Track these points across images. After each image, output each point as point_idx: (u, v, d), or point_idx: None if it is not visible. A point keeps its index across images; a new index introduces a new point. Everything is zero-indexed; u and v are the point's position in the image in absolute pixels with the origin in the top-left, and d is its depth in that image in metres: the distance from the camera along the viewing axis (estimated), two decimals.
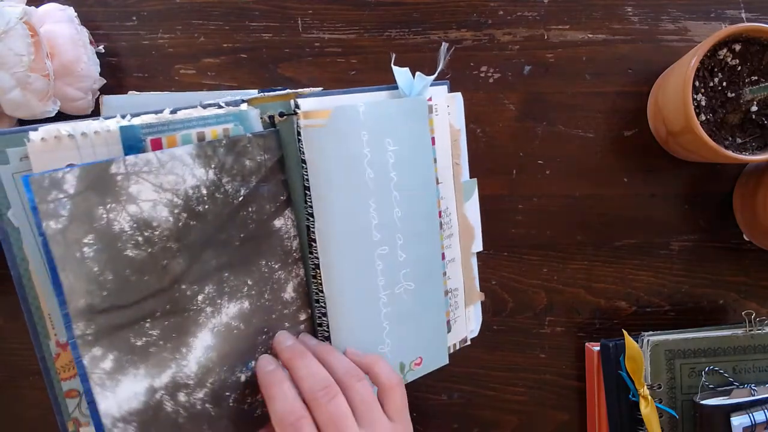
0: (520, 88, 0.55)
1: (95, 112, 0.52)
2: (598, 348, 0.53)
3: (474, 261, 0.50)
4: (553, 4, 0.55)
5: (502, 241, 0.56)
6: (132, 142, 0.35)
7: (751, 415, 0.46)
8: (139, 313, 0.35)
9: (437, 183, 0.46)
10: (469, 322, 0.50)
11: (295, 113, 0.39)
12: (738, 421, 0.46)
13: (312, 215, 0.41)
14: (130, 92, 0.53)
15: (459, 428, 0.57)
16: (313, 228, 0.41)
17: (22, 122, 0.50)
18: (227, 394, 0.40)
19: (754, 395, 0.48)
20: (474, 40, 0.55)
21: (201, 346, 0.38)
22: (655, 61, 0.55)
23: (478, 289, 0.51)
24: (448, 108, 0.47)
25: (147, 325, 0.36)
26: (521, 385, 0.57)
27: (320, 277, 0.42)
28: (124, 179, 0.34)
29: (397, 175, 0.43)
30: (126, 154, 0.34)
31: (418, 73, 0.44)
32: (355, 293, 0.42)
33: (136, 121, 0.35)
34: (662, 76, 0.54)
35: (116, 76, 0.55)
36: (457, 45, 0.55)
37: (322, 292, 0.42)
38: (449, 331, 0.48)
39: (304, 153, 0.39)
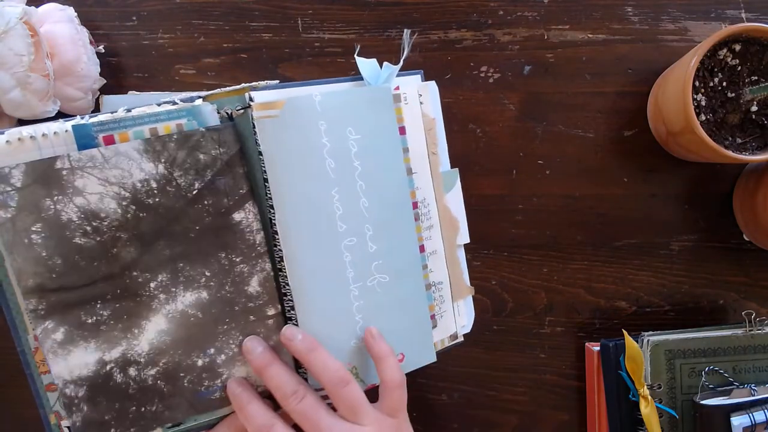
0: (520, 88, 0.55)
1: (95, 112, 0.52)
2: (598, 348, 0.53)
3: (461, 254, 0.49)
4: (553, 4, 0.55)
5: (502, 241, 0.56)
6: (85, 140, 0.37)
7: (751, 415, 0.46)
8: (89, 295, 0.38)
9: (410, 173, 0.45)
10: (459, 318, 0.50)
11: (249, 106, 0.40)
12: (738, 421, 0.46)
13: (272, 207, 0.41)
14: (130, 92, 0.53)
15: (459, 428, 0.57)
16: (275, 220, 0.41)
17: (21, 122, 0.50)
18: (182, 375, 0.41)
19: (754, 395, 0.48)
20: (474, 40, 0.55)
21: (154, 330, 0.40)
22: (655, 61, 0.55)
23: (468, 283, 0.50)
24: (421, 97, 0.46)
25: (98, 305, 0.39)
26: (521, 385, 0.57)
27: (285, 270, 0.42)
28: (69, 173, 0.36)
29: (361, 164, 0.42)
30: (80, 150, 0.37)
31: (385, 63, 0.44)
32: (322, 285, 0.42)
33: (93, 120, 0.37)
34: (662, 76, 0.54)
35: (116, 76, 0.55)
36: (457, 45, 0.55)
37: (288, 285, 0.42)
38: (435, 326, 0.48)
39: (259, 144, 0.40)
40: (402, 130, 0.45)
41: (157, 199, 0.39)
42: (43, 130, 0.36)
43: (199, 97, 0.40)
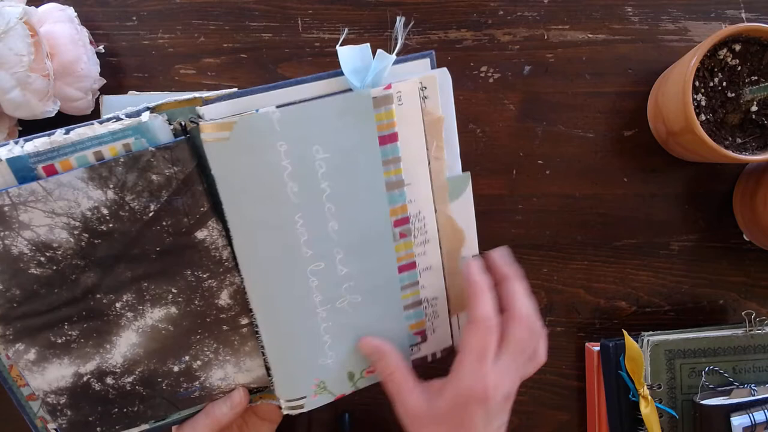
0: (520, 88, 0.55)
1: (95, 112, 0.52)
2: (598, 348, 0.53)
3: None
4: (553, 4, 0.55)
5: (502, 241, 0.56)
6: (23, 173, 0.35)
7: (751, 415, 0.46)
8: (54, 318, 0.37)
9: (401, 186, 0.40)
10: (459, 329, 0.46)
11: (197, 124, 0.35)
12: (738, 421, 0.46)
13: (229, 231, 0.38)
14: (130, 92, 0.53)
15: None
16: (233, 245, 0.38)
17: (22, 122, 0.50)
18: (159, 380, 0.41)
19: (754, 395, 0.48)
20: (474, 40, 0.55)
21: (125, 344, 0.40)
22: (655, 61, 0.55)
23: None
24: (425, 91, 0.39)
25: (65, 327, 0.38)
26: (521, 385, 0.56)
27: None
28: (11, 209, 0.35)
29: (330, 185, 0.38)
30: (20, 183, 0.35)
31: (379, 51, 0.37)
32: (285, 310, 0.40)
33: (28, 147, 0.34)
34: (662, 76, 0.54)
35: (116, 76, 0.54)
36: (457, 45, 0.55)
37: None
38: (424, 340, 0.45)
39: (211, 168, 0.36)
40: (393, 137, 0.39)
41: (111, 225, 0.36)
42: None
43: (147, 108, 0.36)
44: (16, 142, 0.35)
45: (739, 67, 0.48)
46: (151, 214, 0.37)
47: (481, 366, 0.38)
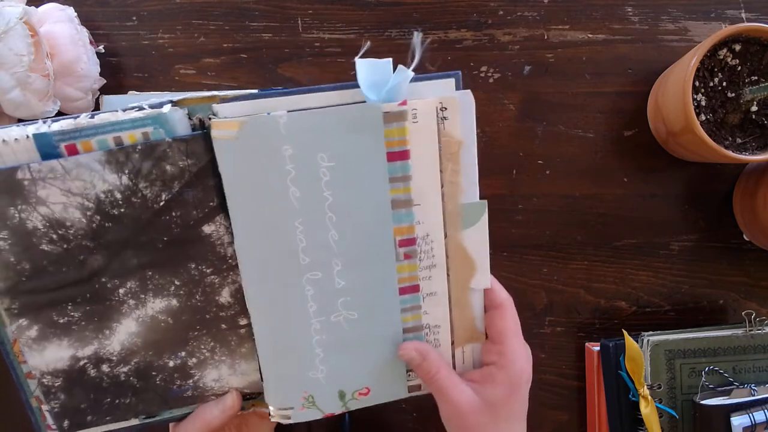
0: (520, 88, 0.55)
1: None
2: (598, 348, 0.53)
3: (475, 298, 0.43)
4: (553, 4, 0.55)
5: (502, 241, 0.56)
6: (47, 149, 0.36)
7: (751, 415, 0.46)
8: (59, 297, 0.39)
9: (409, 205, 0.39)
10: (463, 364, 0.44)
11: (209, 120, 0.36)
12: (738, 421, 0.46)
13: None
14: (130, 92, 0.53)
15: None
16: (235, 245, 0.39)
17: (21, 122, 0.50)
18: (153, 373, 0.42)
19: (754, 395, 0.48)
20: (474, 40, 0.55)
21: (124, 332, 0.40)
22: (655, 61, 0.55)
23: (481, 330, 0.43)
24: (444, 112, 0.38)
25: (69, 307, 0.39)
26: None
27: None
28: (31, 184, 0.36)
29: (333, 194, 0.38)
30: (43, 160, 0.36)
31: (400, 66, 0.36)
32: (278, 316, 0.40)
33: (55, 126, 0.36)
34: (662, 76, 0.54)
35: (116, 76, 0.55)
36: (457, 45, 0.55)
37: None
38: None
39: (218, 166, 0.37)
40: (403, 155, 0.38)
41: (122, 210, 0.38)
42: (2, 136, 0.35)
43: (170, 101, 0.37)
44: (44, 122, 0.36)
45: (739, 67, 0.48)
46: (161, 203, 0.38)
47: (523, 345, 0.41)
